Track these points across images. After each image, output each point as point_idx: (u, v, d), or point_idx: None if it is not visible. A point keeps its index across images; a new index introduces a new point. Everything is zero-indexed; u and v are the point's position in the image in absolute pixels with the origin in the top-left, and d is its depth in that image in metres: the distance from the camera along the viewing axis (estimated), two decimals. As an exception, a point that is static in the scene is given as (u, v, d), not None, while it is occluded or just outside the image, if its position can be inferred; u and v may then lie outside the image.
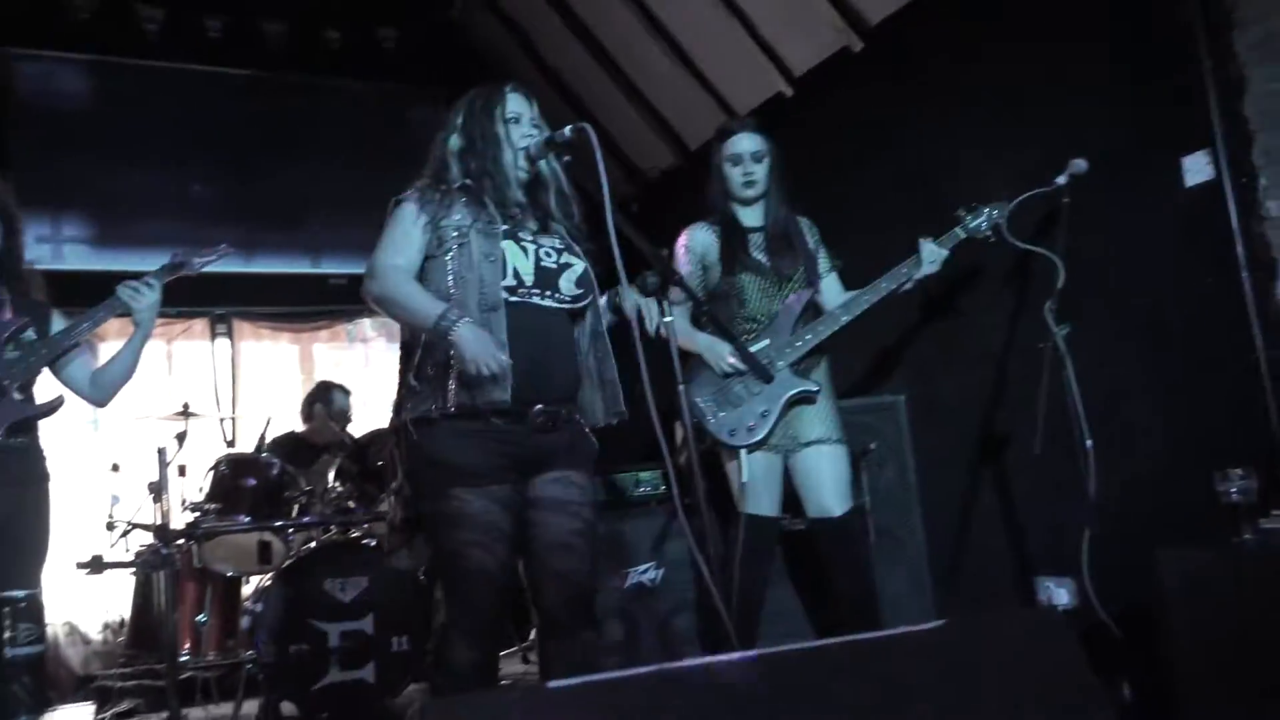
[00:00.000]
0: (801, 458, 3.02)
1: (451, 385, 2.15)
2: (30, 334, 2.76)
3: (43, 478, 2.76)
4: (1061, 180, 3.06)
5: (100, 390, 2.86)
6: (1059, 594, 3.36)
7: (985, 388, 3.60)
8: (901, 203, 3.86)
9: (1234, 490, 2.49)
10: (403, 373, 2.29)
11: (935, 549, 3.66)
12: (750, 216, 3.15)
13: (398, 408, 2.27)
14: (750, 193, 3.09)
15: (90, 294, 2.87)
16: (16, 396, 2.68)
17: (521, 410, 2.18)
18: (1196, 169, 2.96)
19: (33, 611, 1.98)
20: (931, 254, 3.00)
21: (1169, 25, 2.99)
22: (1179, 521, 2.80)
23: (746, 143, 3.10)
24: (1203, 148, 2.93)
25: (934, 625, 1.76)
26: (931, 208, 3.17)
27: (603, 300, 2.41)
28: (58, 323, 2.84)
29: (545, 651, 2.31)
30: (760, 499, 2.97)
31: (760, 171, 3.09)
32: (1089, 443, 2.91)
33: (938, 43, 3.83)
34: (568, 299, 2.31)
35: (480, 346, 2.07)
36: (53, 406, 2.75)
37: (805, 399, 3.00)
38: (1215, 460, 2.56)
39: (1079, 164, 3.06)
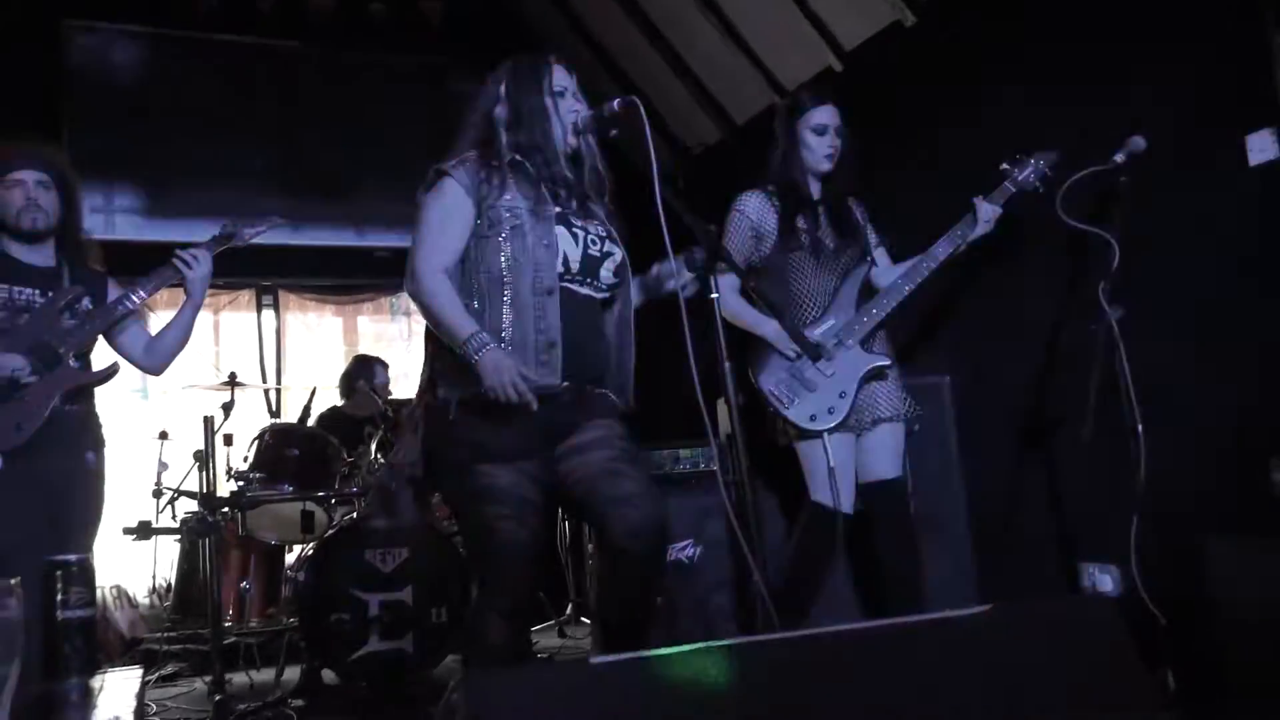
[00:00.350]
0: (872, 434, 3.00)
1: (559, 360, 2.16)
2: (86, 303, 2.81)
3: (99, 444, 2.83)
4: (1119, 158, 2.97)
5: (154, 358, 2.92)
6: (1104, 580, 3.30)
7: (1034, 369, 3.53)
8: (951, 180, 3.78)
9: (1288, 479, 2.43)
10: (434, 352, 2.26)
11: (979, 532, 3.61)
12: (812, 189, 3.11)
13: (429, 386, 2.24)
14: (829, 165, 3.04)
15: (141, 263, 2.92)
16: (73, 364, 2.73)
17: (554, 391, 2.17)
18: (1261, 147, 2.86)
19: (85, 575, 2.02)
20: (986, 212, 2.96)
21: (1235, -1, 2.89)
22: (1230, 511, 2.74)
23: (832, 115, 3.04)
24: (1268, 125, 2.84)
25: (979, 609, 1.73)
26: (981, 186, 3.10)
27: (655, 270, 2.38)
28: (113, 292, 2.89)
29: (615, 581, 2.23)
30: (841, 488, 2.93)
31: (840, 146, 3.04)
32: (1140, 428, 2.84)
33: (991, 16, 3.74)
34: (604, 287, 2.30)
35: (501, 376, 2.04)
36: (108, 373, 2.82)
37: (878, 374, 2.98)
38: (1270, 449, 2.49)
39: (1138, 141, 2.97)
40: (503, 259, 2.18)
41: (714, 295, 2.18)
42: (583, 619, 4.97)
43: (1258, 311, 2.89)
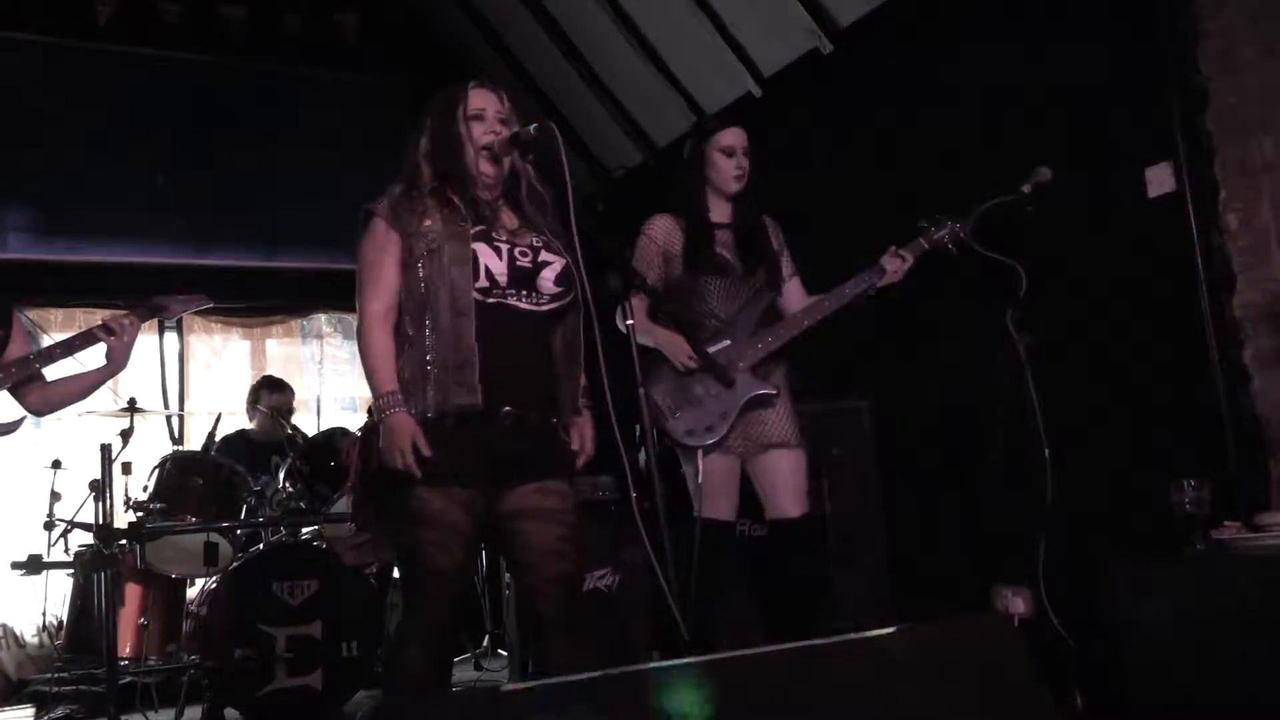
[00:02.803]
0: (760, 461, 2.99)
1: (430, 390, 2.14)
2: None
3: None
4: (1026, 188, 3.05)
5: (46, 407, 2.89)
6: (1016, 602, 3.36)
7: (947, 394, 3.59)
8: (867, 206, 3.85)
9: (1187, 501, 2.50)
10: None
11: (896, 555, 3.65)
12: (720, 213, 3.11)
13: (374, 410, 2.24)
14: (738, 186, 3.05)
15: (33, 284, 2.80)
16: None
17: (490, 413, 2.15)
18: (1159, 180, 2.97)
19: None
20: (895, 265, 2.98)
21: (1137, 35, 2.99)
22: (1135, 531, 2.80)
23: (740, 136, 3.06)
24: (1166, 159, 2.94)
25: (886, 631, 1.75)
26: (897, 212, 3.15)
27: None
28: (20, 328, 2.82)
29: (546, 654, 2.28)
30: (717, 502, 2.93)
31: (747, 166, 3.05)
32: (1047, 451, 2.91)
33: (907, 47, 3.82)
34: (546, 298, 2.25)
35: (393, 440, 2.10)
36: (13, 427, 2.75)
37: (764, 402, 2.97)
38: (1171, 471, 2.56)
39: (1044, 172, 3.05)
40: (422, 284, 2.19)
41: (629, 322, 2.16)
42: (499, 651, 4.88)
43: (1156, 338, 2.99)
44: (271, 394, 4.67)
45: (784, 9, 4.19)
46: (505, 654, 4.41)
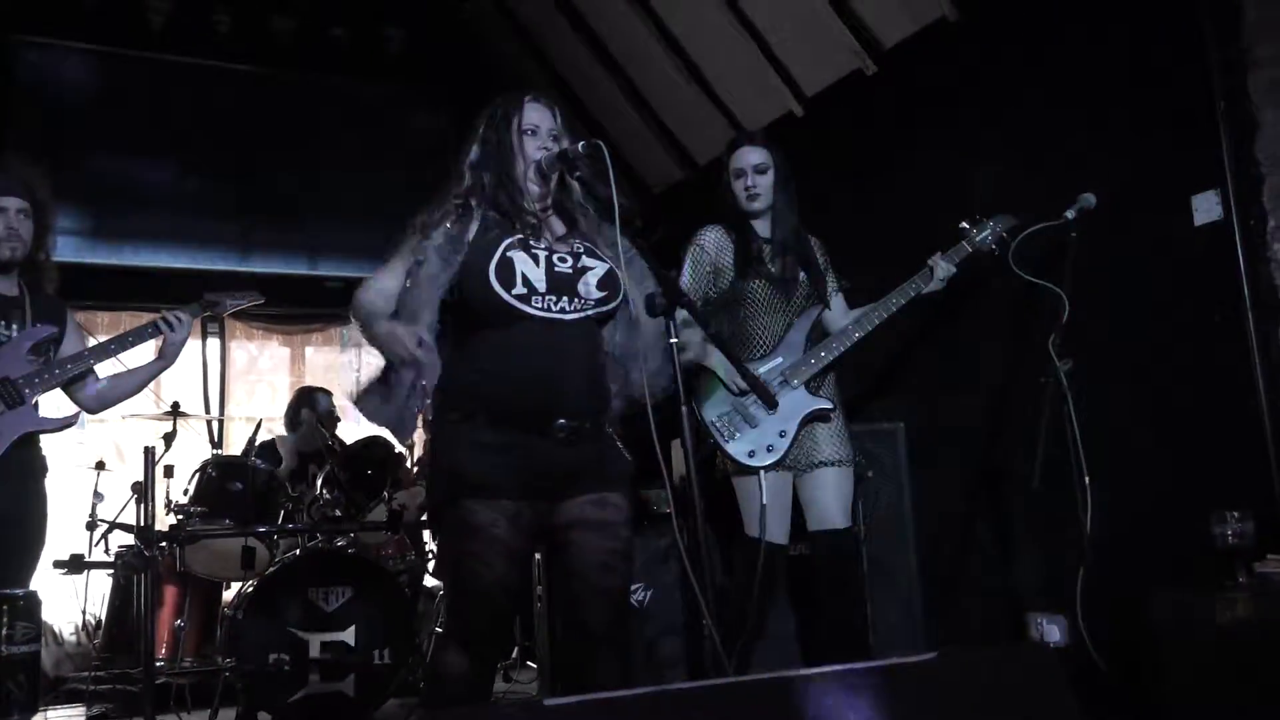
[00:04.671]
0: (811, 477, 2.99)
1: (475, 400, 2.16)
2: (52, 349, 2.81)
3: (42, 471, 2.81)
4: (1070, 214, 3.04)
5: (101, 404, 2.98)
6: (1051, 630, 3.32)
7: (985, 419, 3.57)
8: (907, 228, 3.83)
9: (1230, 533, 2.48)
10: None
11: (929, 580, 3.63)
12: (761, 228, 3.13)
13: (434, 410, 2.26)
14: (754, 205, 3.08)
15: (80, 287, 2.88)
16: (33, 405, 2.73)
17: (543, 424, 2.15)
18: (1206, 208, 2.94)
19: (30, 609, 1.95)
20: (942, 270, 3.01)
21: (1185, 62, 2.98)
22: (1175, 562, 2.77)
23: (750, 156, 3.08)
24: (1213, 187, 2.92)
25: (925, 657, 1.74)
26: (937, 234, 3.14)
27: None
28: (73, 324, 2.92)
29: (586, 667, 2.25)
30: (774, 524, 2.92)
31: (764, 184, 3.07)
32: (1087, 479, 2.88)
33: (951, 70, 3.82)
34: (591, 303, 2.25)
35: (394, 345, 2.10)
36: (68, 423, 2.83)
37: (820, 417, 2.98)
38: (1213, 501, 2.53)
39: (1088, 198, 3.04)
40: (457, 291, 2.20)
41: (673, 340, 2.16)
42: (529, 663, 4.89)
43: (1199, 366, 2.96)
44: (316, 401, 4.73)
45: (828, 30, 4.20)
46: (535, 666, 4.42)
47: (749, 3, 4.49)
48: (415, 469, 4.69)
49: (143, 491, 3.65)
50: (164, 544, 3.81)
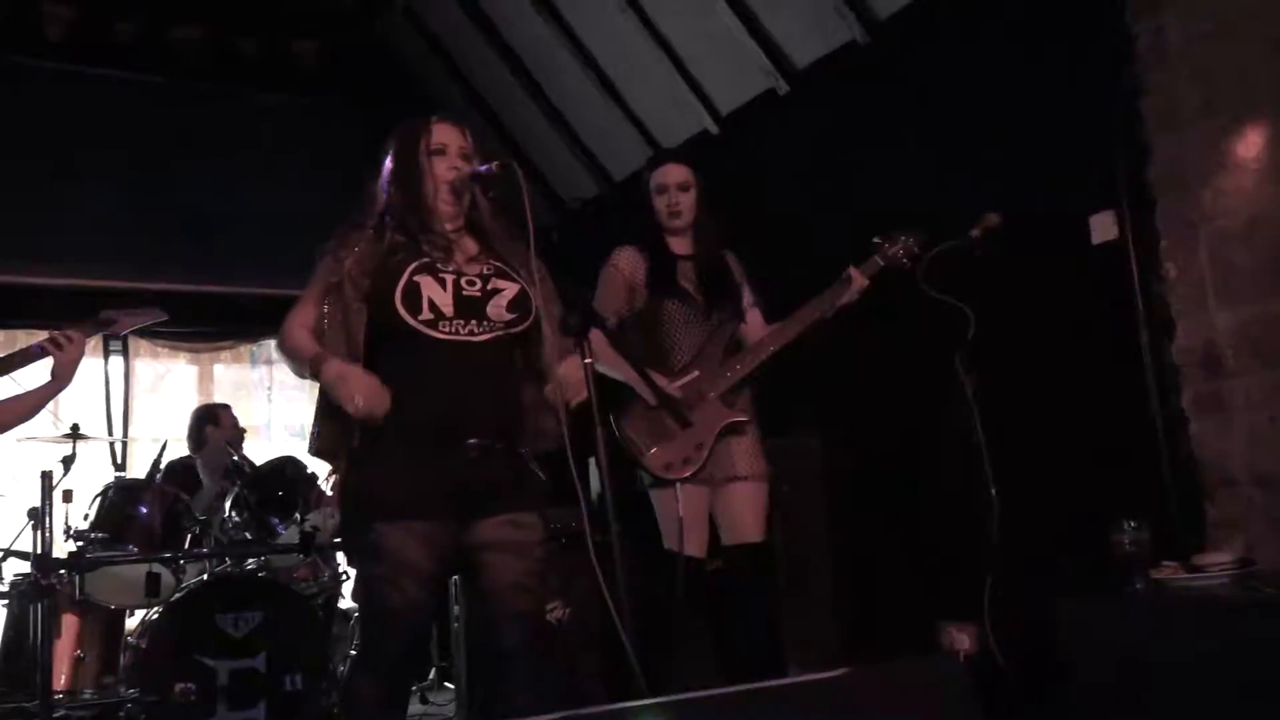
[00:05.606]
0: (727, 492, 3.01)
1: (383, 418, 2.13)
2: None
3: None
4: (975, 233, 3.13)
5: None
6: (961, 639, 3.40)
7: (897, 433, 3.64)
8: (823, 244, 3.90)
9: (1128, 541, 2.56)
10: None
11: (842, 591, 3.68)
12: (679, 245, 3.16)
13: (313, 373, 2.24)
14: (676, 222, 3.11)
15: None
16: None
17: (454, 445, 2.14)
18: (1103, 228, 3.06)
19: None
20: (858, 281, 3.05)
21: (1085, 89, 3.09)
22: (1078, 570, 2.86)
23: (673, 173, 3.11)
24: (1109, 208, 3.04)
25: (836, 673, 1.76)
26: (849, 251, 3.21)
27: None
28: None
29: (503, 689, 2.24)
30: (692, 537, 2.93)
31: (686, 201, 3.10)
32: (993, 490, 2.97)
33: (861, 90, 3.91)
34: (500, 325, 2.25)
35: (344, 385, 2.06)
36: None
37: (736, 430, 3.00)
38: (1113, 511, 2.62)
39: (991, 217, 3.14)
40: (363, 314, 2.20)
41: (588, 360, 2.16)
42: (446, 684, 4.82)
43: (1099, 381, 3.07)
44: (223, 417, 4.60)
45: (742, 49, 4.26)
46: (452, 687, 4.36)
47: (664, 21, 4.54)
48: (332, 490, 4.59)
49: (39, 518, 3.51)
50: (62, 571, 3.66)
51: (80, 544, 3.78)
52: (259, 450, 4.76)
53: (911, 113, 3.69)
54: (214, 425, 4.58)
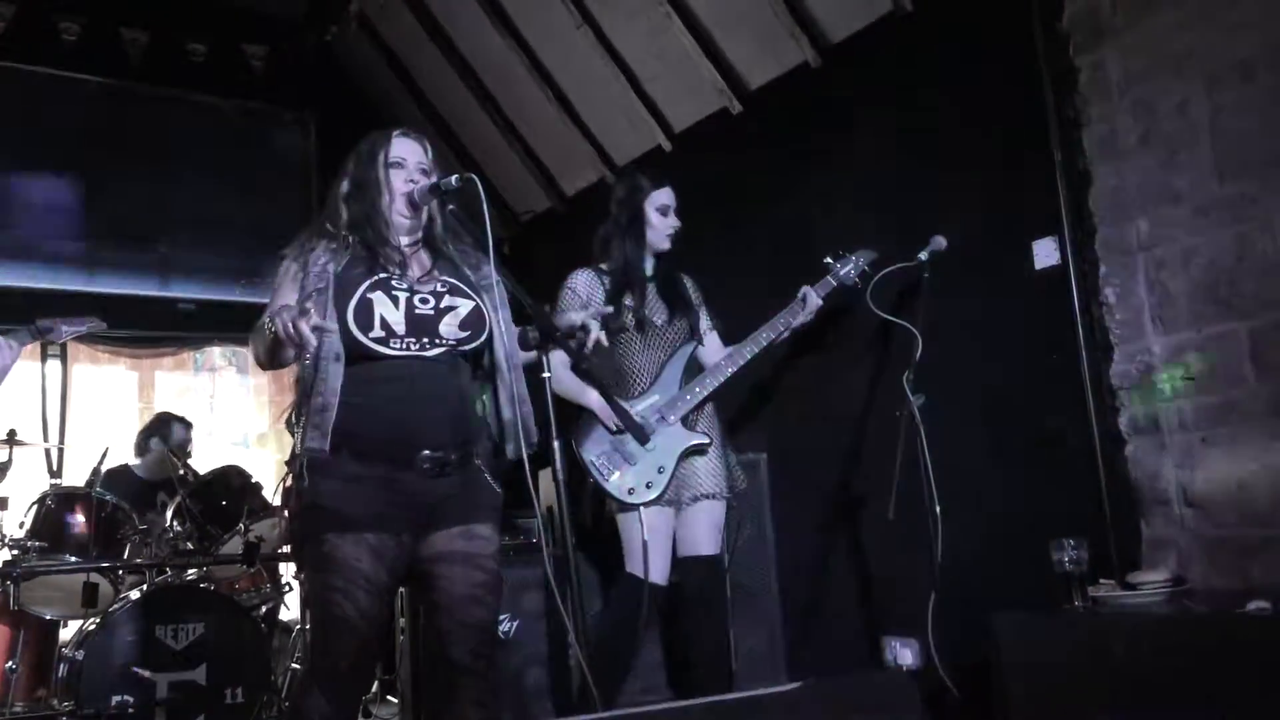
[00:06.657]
0: (692, 510, 3.04)
1: (328, 429, 2.13)
2: None
3: None
4: (923, 256, 3.22)
5: None
6: (904, 654, 3.46)
7: (843, 451, 3.70)
8: (776, 263, 3.97)
9: (1067, 559, 2.64)
10: (296, 409, 2.25)
11: (789, 605, 3.73)
12: (648, 266, 3.18)
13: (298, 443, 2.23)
14: (669, 245, 3.13)
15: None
16: None
17: (406, 458, 2.15)
18: (1045, 253, 3.15)
19: None
20: (813, 301, 3.11)
21: (1029, 118, 3.19)
22: (1019, 587, 2.93)
23: (667, 195, 3.16)
24: (1052, 234, 3.13)
25: (788, 688, 1.80)
26: (805, 270, 3.27)
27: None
28: None
29: (453, 701, 2.22)
30: (655, 561, 2.95)
31: (679, 225, 3.14)
32: (938, 508, 3.04)
33: (812, 112, 3.98)
34: (450, 341, 2.25)
35: (280, 316, 1.99)
36: None
37: (698, 451, 3.03)
38: (1053, 530, 2.70)
39: (939, 240, 3.23)
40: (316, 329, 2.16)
41: (546, 375, 2.18)
42: (390, 698, 4.76)
43: (1040, 401, 3.15)
44: (171, 431, 4.51)
45: (696, 69, 4.31)
46: (396, 700, 4.30)
47: (620, 39, 4.57)
48: (279, 499, 4.53)
49: (-28, 526, 3.41)
50: (-5, 581, 3.57)
51: (15, 552, 3.68)
52: (201, 459, 4.67)
53: (862, 136, 3.77)
54: (161, 440, 4.49)
